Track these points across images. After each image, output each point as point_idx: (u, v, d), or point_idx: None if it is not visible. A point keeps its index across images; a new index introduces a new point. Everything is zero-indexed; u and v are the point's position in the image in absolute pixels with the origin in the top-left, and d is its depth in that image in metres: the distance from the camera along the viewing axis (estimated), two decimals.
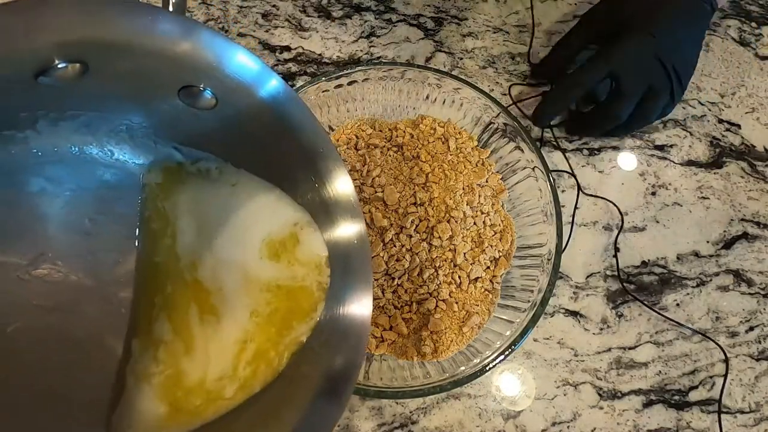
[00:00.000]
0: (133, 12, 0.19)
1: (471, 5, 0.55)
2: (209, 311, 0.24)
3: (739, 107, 0.53)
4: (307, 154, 0.26)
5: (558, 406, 0.40)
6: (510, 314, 0.37)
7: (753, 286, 0.46)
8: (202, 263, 0.25)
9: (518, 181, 0.42)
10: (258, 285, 0.25)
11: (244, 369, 0.24)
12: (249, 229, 0.26)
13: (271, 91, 0.24)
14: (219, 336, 0.24)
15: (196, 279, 0.24)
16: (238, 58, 0.23)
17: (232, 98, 0.24)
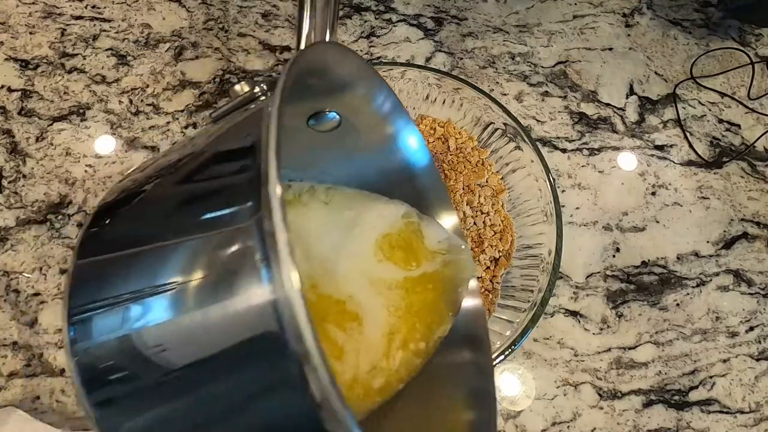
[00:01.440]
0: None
1: (471, 5, 0.55)
2: (349, 318, 0.24)
3: (739, 107, 0.53)
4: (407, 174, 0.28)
5: (558, 406, 0.40)
6: (510, 314, 0.37)
7: (753, 286, 0.46)
8: (321, 282, 0.24)
9: (518, 181, 0.42)
10: (384, 284, 0.25)
11: (393, 358, 0.24)
12: (357, 236, 0.26)
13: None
14: (365, 335, 0.24)
15: (321, 295, 0.24)
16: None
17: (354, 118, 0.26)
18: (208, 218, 0.18)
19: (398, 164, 0.30)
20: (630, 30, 0.55)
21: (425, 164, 0.30)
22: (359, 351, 0.23)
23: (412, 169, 0.30)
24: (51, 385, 0.39)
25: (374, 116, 0.28)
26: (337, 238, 0.25)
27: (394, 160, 0.29)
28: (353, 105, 0.26)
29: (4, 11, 0.49)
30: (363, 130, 0.28)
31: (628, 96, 0.52)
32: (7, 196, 0.43)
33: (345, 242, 0.25)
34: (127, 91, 0.47)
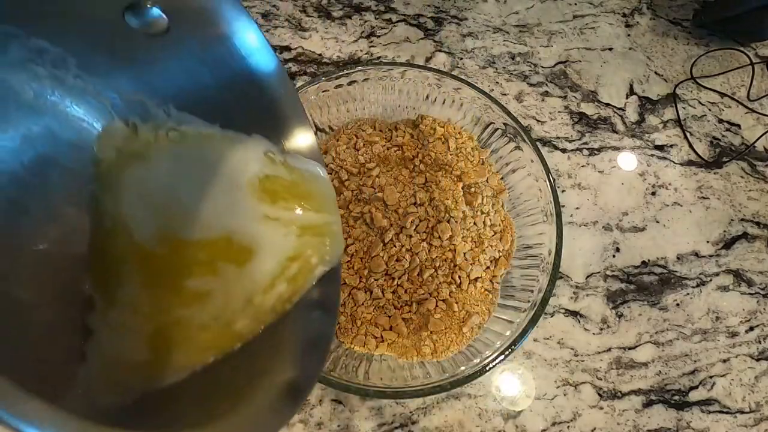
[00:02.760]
0: None
1: (471, 5, 0.55)
2: (234, 254, 0.24)
3: (739, 107, 0.53)
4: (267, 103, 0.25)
5: (558, 406, 0.40)
6: (510, 314, 0.37)
7: (753, 286, 0.46)
8: (183, 229, 0.23)
9: (518, 181, 0.42)
10: (264, 220, 0.24)
11: (266, 299, 0.23)
12: (223, 183, 0.24)
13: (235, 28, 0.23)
14: (243, 275, 0.23)
15: (184, 241, 0.23)
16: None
17: (186, 22, 0.22)
18: None
19: (243, 74, 0.25)
20: (630, 30, 0.55)
21: (272, 70, 0.26)
22: (214, 298, 0.23)
23: (259, 77, 0.26)
24: None
25: (201, 11, 0.24)
26: (187, 189, 0.24)
27: (238, 69, 0.25)
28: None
29: None
30: (193, 33, 0.24)
31: (628, 96, 0.52)
32: None
33: (210, 190, 0.24)
34: None
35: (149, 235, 0.23)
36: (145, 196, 0.24)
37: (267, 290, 0.24)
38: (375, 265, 0.37)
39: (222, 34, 0.24)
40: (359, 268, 0.38)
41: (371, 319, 0.37)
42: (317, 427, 0.39)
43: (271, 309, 0.24)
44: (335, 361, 0.35)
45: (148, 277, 0.23)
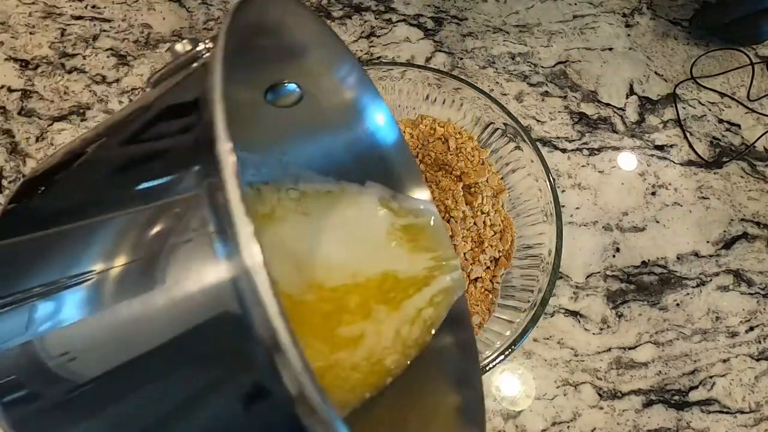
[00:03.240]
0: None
1: (471, 5, 0.55)
2: (359, 310, 0.24)
3: (739, 107, 0.53)
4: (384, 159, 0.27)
5: (558, 406, 0.40)
6: (510, 314, 0.37)
7: (753, 286, 0.46)
8: (319, 279, 0.23)
9: (518, 181, 0.42)
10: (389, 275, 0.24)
11: (395, 348, 0.23)
12: (344, 234, 0.25)
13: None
14: (376, 324, 0.23)
15: (323, 288, 0.23)
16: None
17: (317, 90, 0.24)
18: (143, 188, 0.15)
19: (366, 141, 0.28)
20: (630, 30, 0.55)
21: (394, 140, 0.28)
22: (366, 339, 0.23)
23: (380, 146, 0.28)
24: None
25: (337, 89, 0.26)
26: (323, 242, 0.24)
27: (362, 137, 0.27)
28: (313, 75, 0.24)
29: (4, 11, 0.49)
30: (326, 105, 0.26)
31: (628, 96, 0.52)
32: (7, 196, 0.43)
33: (334, 244, 0.24)
34: (127, 91, 0.47)
35: (296, 287, 0.23)
36: (283, 255, 0.23)
37: (414, 320, 0.24)
38: None
39: (353, 108, 0.26)
40: None
41: None
42: None
43: (415, 341, 0.24)
44: None
45: (300, 327, 0.23)
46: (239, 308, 0.12)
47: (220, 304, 0.13)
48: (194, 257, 0.13)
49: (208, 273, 0.13)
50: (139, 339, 0.13)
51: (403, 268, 0.24)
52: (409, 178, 0.29)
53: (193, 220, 0.13)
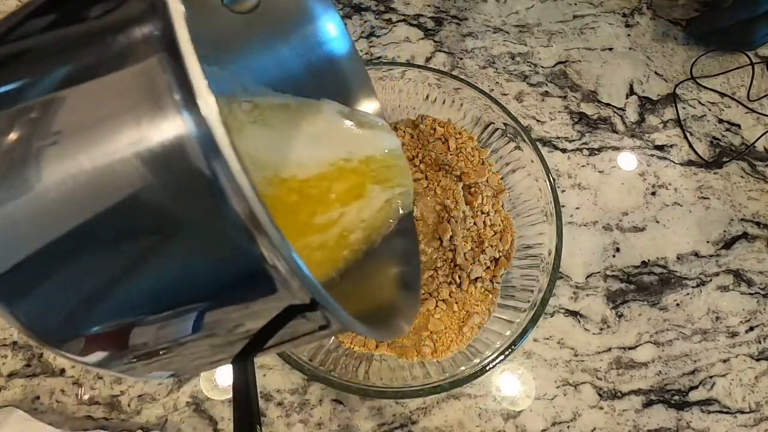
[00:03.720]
0: None
1: (471, 5, 0.55)
2: (326, 191, 0.25)
3: (739, 107, 0.53)
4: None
5: (558, 406, 0.40)
6: (510, 314, 0.38)
7: (753, 286, 0.46)
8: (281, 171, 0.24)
9: (518, 181, 0.42)
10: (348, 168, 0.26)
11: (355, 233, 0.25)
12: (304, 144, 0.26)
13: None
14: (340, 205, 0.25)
15: (282, 179, 0.24)
16: None
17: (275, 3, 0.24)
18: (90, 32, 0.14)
19: (320, 53, 0.28)
20: (630, 30, 0.55)
21: (347, 51, 0.29)
22: (342, 219, 0.24)
23: (334, 56, 0.29)
24: (51, 385, 0.39)
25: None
26: (286, 147, 0.25)
27: (316, 49, 0.28)
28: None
29: (4, 11, 0.49)
30: (281, 14, 0.26)
31: (628, 96, 0.52)
32: None
33: (293, 149, 0.25)
34: None
35: (264, 183, 0.23)
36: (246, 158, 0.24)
37: (381, 208, 0.26)
38: None
39: (307, 18, 0.27)
40: None
41: None
42: (317, 427, 0.39)
43: (377, 229, 0.26)
44: (335, 361, 0.35)
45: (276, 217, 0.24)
46: (196, 156, 0.13)
47: (174, 154, 0.13)
48: (144, 112, 0.13)
49: (162, 125, 0.13)
50: (101, 191, 0.13)
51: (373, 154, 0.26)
52: (362, 90, 0.30)
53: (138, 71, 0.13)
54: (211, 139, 0.12)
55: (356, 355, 0.37)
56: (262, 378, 0.39)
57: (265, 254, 0.13)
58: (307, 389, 0.40)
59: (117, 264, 0.14)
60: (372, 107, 0.30)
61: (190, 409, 0.39)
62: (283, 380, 0.40)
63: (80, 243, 0.14)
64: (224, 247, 0.14)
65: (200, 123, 0.12)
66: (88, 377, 0.39)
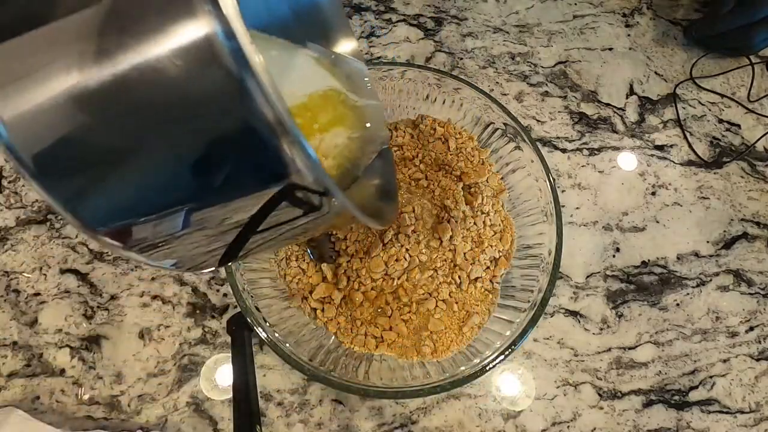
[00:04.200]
0: None
1: (471, 5, 0.55)
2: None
3: (739, 107, 0.53)
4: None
5: (558, 406, 0.40)
6: (510, 314, 0.37)
7: (753, 286, 0.46)
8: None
9: (518, 181, 0.42)
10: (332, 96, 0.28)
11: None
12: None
13: None
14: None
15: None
16: None
17: None
18: None
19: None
20: (630, 30, 0.55)
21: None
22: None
23: (317, 2, 0.32)
24: (51, 385, 0.39)
25: None
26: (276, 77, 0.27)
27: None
28: None
29: None
30: None
31: (628, 96, 0.52)
32: (7, 196, 0.43)
33: (283, 82, 0.27)
34: None
35: None
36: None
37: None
38: (374, 265, 0.37)
39: None
40: (358, 268, 0.37)
41: (371, 319, 0.37)
42: (317, 427, 0.39)
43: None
44: (335, 361, 0.35)
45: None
46: (220, 54, 0.15)
47: (201, 52, 0.15)
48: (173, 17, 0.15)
49: (188, 26, 0.15)
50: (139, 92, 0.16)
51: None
52: (342, 32, 0.34)
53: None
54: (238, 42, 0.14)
55: (356, 355, 0.37)
56: (262, 378, 0.39)
57: (282, 141, 0.16)
58: (307, 389, 0.40)
59: (153, 150, 0.17)
60: (350, 47, 0.34)
61: (190, 409, 0.39)
62: (283, 380, 0.40)
63: (122, 131, 0.16)
64: (243, 134, 0.16)
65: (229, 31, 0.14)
66: (88, 377, 0.39)
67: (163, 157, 0.17)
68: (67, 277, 0.42)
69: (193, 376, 0.39)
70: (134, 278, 0.42)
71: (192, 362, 0.40)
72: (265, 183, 0.18)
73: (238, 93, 0.15)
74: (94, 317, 0.41)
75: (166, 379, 0.39)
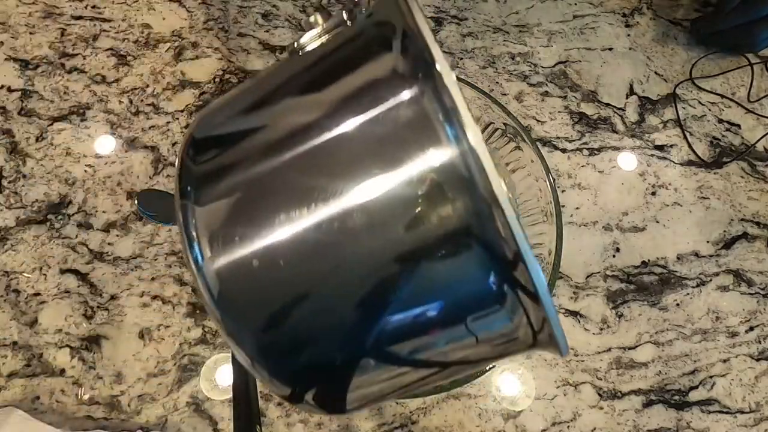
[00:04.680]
0: None
1: (471, 5, 0.55)
2: None
3: (738, 107, 0.53)
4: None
5: (558, 406, 0.40)
6: None
7: (753, 286, 0.46)
8: None
9: (518, 181, 0.42)
10: None
11: None
12: None
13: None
14: None
15: None
16: None
17: None
18: (364, 101, 0.17)
19: None
20: (630, 30, 0.55)
21: None
22: None
23: None
24: (51, 385, 0.39)
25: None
26: None
27: None
28: None
29: (4, 11, 0.49)
30: None
31: (628, 96, 0.52)
32: (7, 196, 0.43)
33: None
34: (127, 91, 0.47)
35: None
36: None
37: None
38: None
39: None
40: None
41: None
42: (317, 427, 0.39)
43: None
44: None
45: None
46: (465, 174, 0.15)
47: (448, 172, 0.16)
48: (420, 142, 0.16)
49: (438, 150, 0.16)
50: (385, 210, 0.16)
51: None
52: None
53: (418, 114, 0.16)
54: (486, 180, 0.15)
55: None
56: None
57: (523, 300, 0.16)
58: None
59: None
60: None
61: (190, 409, 0.39)
62: None
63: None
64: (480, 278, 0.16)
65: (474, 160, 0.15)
66: (88, 377, 0.39)
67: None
68: (67, 277, 0.42)
69: (193, 376, 0.39)
70: (134, 278, 0.42)
71: (192, 362, 0.40)
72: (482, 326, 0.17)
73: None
74: (94, 317, 0.41)
75: (166, 379, 0.39)
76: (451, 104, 0.15)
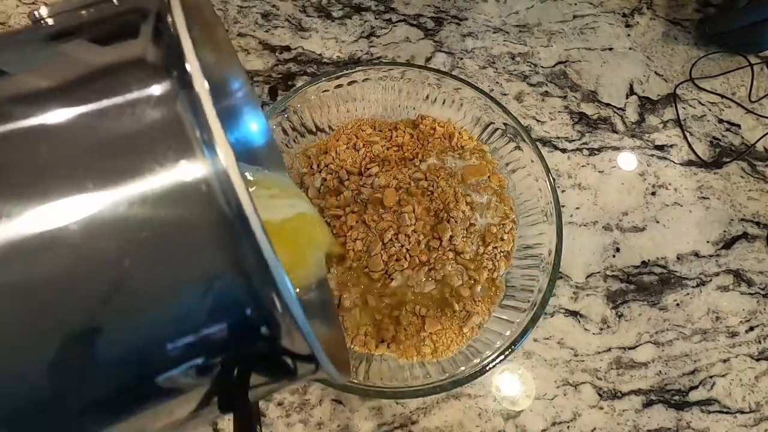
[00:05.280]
0: None
1: (471, 5, 0.55)
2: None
3: (739, 107, 0.53)
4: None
5: (558, 406, 0.40)
6: (510, 314, 0.37)
7: (753, 286, 0.46)
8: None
9: (518, 181, 0.42)
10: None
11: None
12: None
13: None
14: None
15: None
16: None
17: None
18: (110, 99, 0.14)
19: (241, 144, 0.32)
20: (630, 30, 0.55)
21: (265, 141, 0.33)
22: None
23: (252, 145, 0.32)
24: None
25: (228, 96, 0.31)
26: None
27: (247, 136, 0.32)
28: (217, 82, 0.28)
29: (4, 11, 0.49)
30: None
31: (628, 96, 0.52)
32: None
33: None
34: None
35: None
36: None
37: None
38: (374, 264, 0.37)
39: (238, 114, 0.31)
40: (358, 268, 0.37)
41: (371, 319, 0.37)
42: (317, 427, 0.39)
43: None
44: None
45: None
46: (216, 199, 0.14)
47: (195, 193, 0.14)
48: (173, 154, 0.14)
49: (188, 166, 0.14)
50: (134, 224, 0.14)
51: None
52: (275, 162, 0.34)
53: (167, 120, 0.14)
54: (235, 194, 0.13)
55: (356, 355, 0.37)
56: None
57: (275, 301, 0.15)
58: (307, 389, 0.40)
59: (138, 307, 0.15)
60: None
61: None
62: None
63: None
64: (229, 288, 0.15)
65: (224, 175, 0.13)
66: None
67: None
68: None
69: None
70: None
71: None
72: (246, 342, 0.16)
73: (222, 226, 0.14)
74: None
75: None
76: (203, 114, 0.13)
